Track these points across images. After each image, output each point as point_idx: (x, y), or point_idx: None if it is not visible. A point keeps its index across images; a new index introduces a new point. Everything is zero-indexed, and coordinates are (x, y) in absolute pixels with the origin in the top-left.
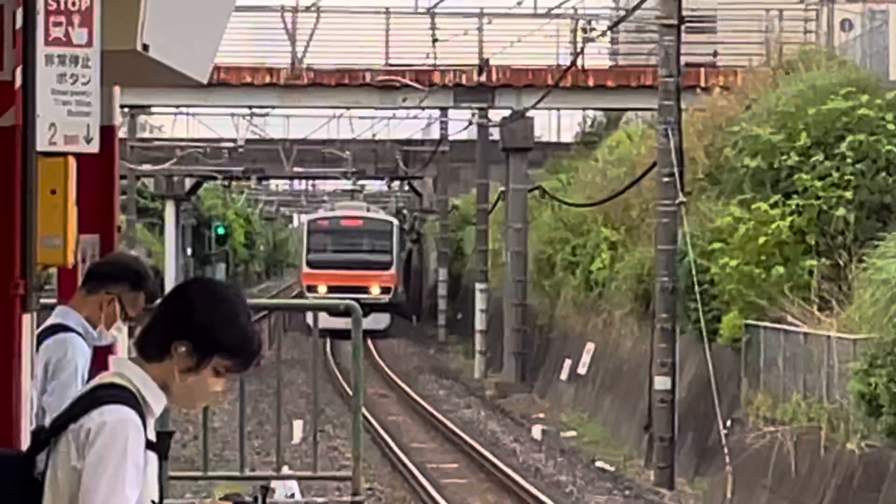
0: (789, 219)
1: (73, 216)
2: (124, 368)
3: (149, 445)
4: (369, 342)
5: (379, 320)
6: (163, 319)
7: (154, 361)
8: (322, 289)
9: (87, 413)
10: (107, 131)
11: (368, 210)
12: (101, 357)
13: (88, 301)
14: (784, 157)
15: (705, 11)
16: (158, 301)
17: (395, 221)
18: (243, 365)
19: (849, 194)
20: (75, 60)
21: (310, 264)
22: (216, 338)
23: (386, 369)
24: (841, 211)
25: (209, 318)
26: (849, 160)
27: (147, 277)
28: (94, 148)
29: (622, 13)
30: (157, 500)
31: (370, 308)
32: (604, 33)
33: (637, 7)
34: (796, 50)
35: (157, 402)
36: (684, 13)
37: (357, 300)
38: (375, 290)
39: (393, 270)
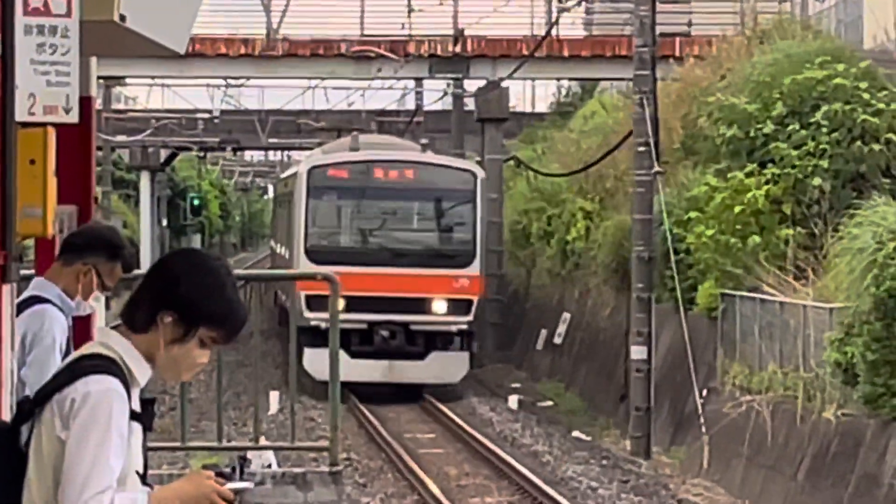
0: (765, 188)
1: (52, 187)
2: (109, 339)
3: (133, 416)
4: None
5: (447, 368)
6: (149, 290)
7: (139, 332)
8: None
9: (71, 383)
10: (84, 102)
11: (425, 151)
12: (79, 328)
13: (65, 272)
14: (760, 126)
15: None
16: (140, 271)
17: (480, 172)
18: (229, 335)
19: (824, 163)
20: (54, 30)
21: (311, 255)
22: (202, 308)
23: None
24: (816, 180)
25: (195, 288)
26: (824, 129)
27: (123, 247)
28: (73, 118)
29: None
30: (141, 470)
31: (430, 342)
32: (579, 3)
33: None
34: (771, 19)
35: (142, 372)
36: None
37: (405, 326)
38: (440, 307)
39: (476, 268)
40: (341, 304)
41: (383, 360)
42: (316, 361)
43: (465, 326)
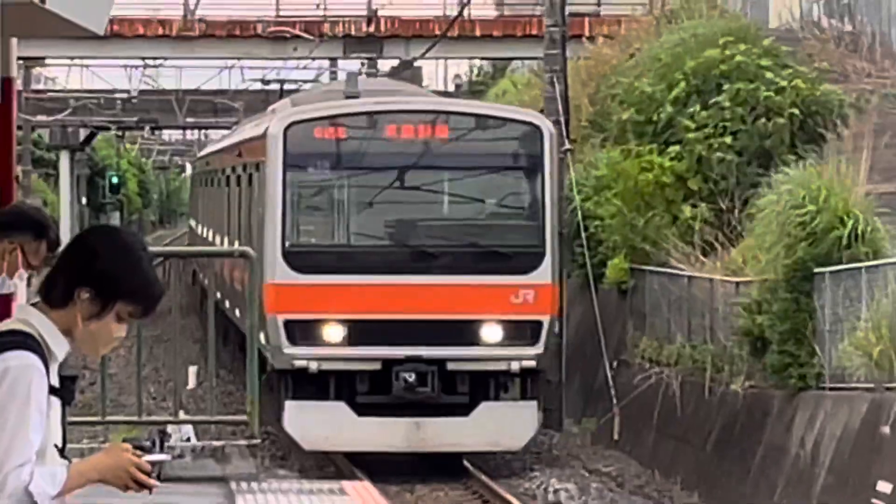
0: (669, 164)
1: None
2: (28, 315)
3: (52, 390)
4: None
5: (504, 427)
6: (66, 266)
7: (57, 308)
8: (333, 331)
9: None
10: (5, 83)
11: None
12: (2, 305)
13: None
14: (661, 109)
15: None
16: (61, 248)
17: (548, 126)
18: (146, 310)
19: (728, 140)
20: None
21: (292, 259)
22: (119, 284)
23: None
24: (720, 154)
25: (112, 264)
26: (727, 108)
27: (49, 227)
28: None
29: None
30: (59, 444)
31: (477, 388)
32: None
33: None
34: None
35: (60, 347)
36: None
37: (440, 365)
38: (492, 335)
39: (547, 274)
40: (341, 333)
41: (407, 417)
42: (303, 422)
43: (531, 363)
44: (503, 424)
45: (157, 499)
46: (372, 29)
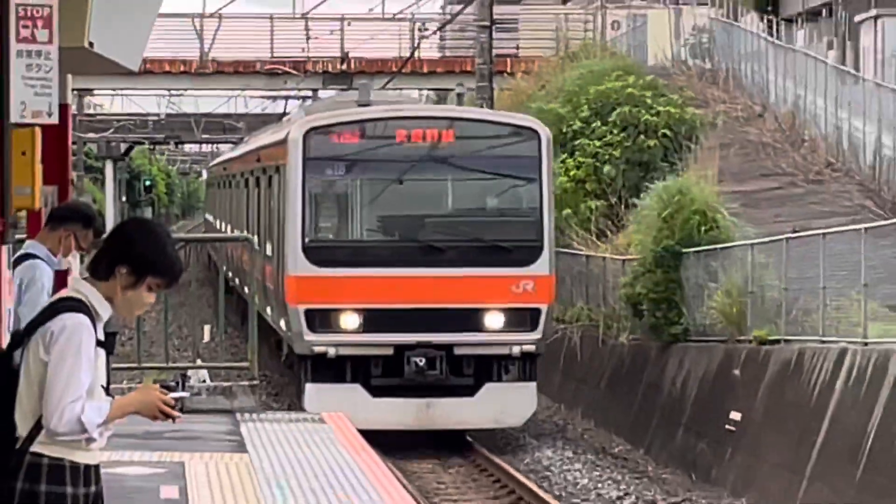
0: (572, 172)
1: (38, 171)
2: (79, 285)
3: (98, 343)
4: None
5: (506, 406)
6: (109, 248)
7: (102, 280)
8: (349, 319)
9: (51, 319)
10: (62, 108)
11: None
12: (60, 278)
13: (51, 236)
14: (570, 124)
15: (511, 15)
16: (105, 235)
17: (545, 131)
18: (170, 282)
19: (617, 152)
20: (39, 54)
21: (312, 254)
22: (149, 262)
23: None
24: (607, 167)
25: (144, 247)
26: (616, 127)
27: (95, 218)
28: (54, 120)
29: (449, 17)
30: (105, 384)
31: (482, 370)
32: (435, 32)
33: (460, 12)
34: (579, 44)
35: (104, 311)
36: (495, 17)
37: (448, 350)
38: (495, 322)
39: (545, 266)
40: (357, 321)
41: (417, 397)
42: (322, 403)
43: (531, 347)
44: (505, 403)
45: (180, 426)
46: (344, 67)
